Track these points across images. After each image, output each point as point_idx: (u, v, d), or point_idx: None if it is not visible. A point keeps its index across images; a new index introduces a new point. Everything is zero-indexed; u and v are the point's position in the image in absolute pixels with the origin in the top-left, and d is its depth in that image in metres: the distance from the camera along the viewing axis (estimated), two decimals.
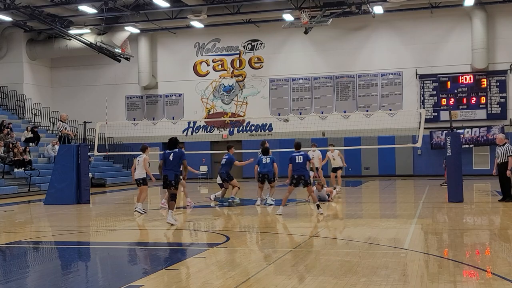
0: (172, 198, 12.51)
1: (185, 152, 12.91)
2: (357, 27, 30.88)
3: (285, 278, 7.25)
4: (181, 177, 13.99)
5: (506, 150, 15.80)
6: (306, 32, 28.47)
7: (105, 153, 27.09)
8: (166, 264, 8.49)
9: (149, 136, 32.41)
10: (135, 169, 15.33)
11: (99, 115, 28.28)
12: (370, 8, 27.40)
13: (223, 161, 17.40)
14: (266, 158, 16.18)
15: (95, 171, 28.35)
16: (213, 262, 8.62)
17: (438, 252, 8.84)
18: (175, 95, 33.93)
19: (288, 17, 28.98)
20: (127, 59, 31.67)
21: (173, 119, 32.97)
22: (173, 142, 12.58)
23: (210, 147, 32.03)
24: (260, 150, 16.96)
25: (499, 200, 16.24)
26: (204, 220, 13.77)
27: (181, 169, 12.96)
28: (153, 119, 33.24)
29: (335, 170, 20.27)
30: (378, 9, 28.06)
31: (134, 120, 33.74)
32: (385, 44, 30.69)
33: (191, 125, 33.15)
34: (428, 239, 10.35)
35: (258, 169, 16.28)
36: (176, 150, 12.48)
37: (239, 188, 17.44)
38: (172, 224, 12.29)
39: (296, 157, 13.95)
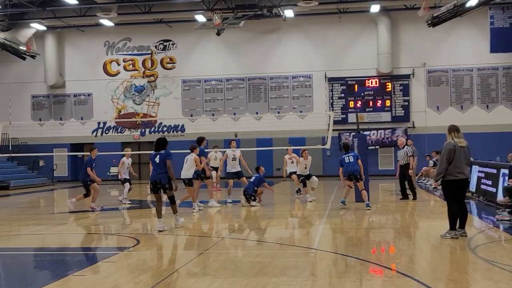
0: (172, 201, 11.97)
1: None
2: (268, 30, 31.30)
3: (196, 281, 7.23)
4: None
5: (407, 152, 16.91)
6: (218, 34, 28.56)
7: (8, 155, 25.90)
8: (73, 270, 8.24)
9: (56, 137, 31.34)
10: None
11: (3, 115, 27.03)
12: (281, 12, 27.84)
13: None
14: (349, 157, 15.16)
15: None
16: (123, 266, 8.46)
17: (345, 251, 9.10)
18: (84, 95, 32.99)
19: (200, 18, 28.94)
20: (33, 57, 30.46)
21: (82, 119, 32.04)
22: (160, 143, 11.79)
23: (121, 148, 31.34)
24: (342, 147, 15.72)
25: (400, 199, 17.17)
26: (114, 223, 13.48)
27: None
28: (61, 119, 32.16)
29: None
30: (289, 13, 28.59)
31: (40, 120, 32.48)
32: (296, 47, 31.32)
33: (101, 125, 32.36)
34: (337, 239, 10.65)
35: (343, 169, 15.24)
36: (162, 151, 11.68)
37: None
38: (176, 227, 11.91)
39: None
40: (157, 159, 11.67)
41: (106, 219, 14.49)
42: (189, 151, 15.26)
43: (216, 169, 19.13)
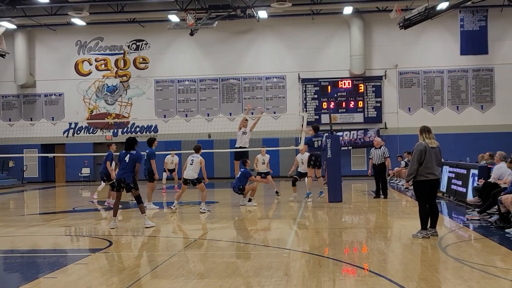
0: (139, 200, 12.29)
1: (67, 155, 12.38)
2: (242, 31, 31.31)
3: (170, 282, 7.19)
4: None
5: (384, 152, 17.19)
6: (191, 34, 28.47)
7: None
8: (44, 272, 8.12)
9: (26, 138, 30.86)
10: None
11: None
12: (254, 13, 27.87)
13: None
14: (318, 141, 16.25)
15: None
16: (95, 268, 8.37)
17: (318, 251, 9.15)
18: (55, 95, 32.57)
19: (173, 18, 28.80)
20: (2, 56, 29.94)
21: (52, 119, 31.62)
22: (130, 142, 12.16)
23: (93, 149, 31.06)
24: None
25: (374, 197, 17.48)
26: (86, 225, 13.34)
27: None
28: (31, 120, 31.69)
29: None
30: (262, 14, 28.63)
31: (9, 121, 31.99)
32: (270, 48, 31.39)
33: (73, 126, 31.99)
34: (310, 239, 10.69)
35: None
36: (133, 152, 12.09)
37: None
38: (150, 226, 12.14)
39: None
40: (126, 158, 12.03)
41: (77, 220, 14.33)
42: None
43: (171, 171, 20.26)
